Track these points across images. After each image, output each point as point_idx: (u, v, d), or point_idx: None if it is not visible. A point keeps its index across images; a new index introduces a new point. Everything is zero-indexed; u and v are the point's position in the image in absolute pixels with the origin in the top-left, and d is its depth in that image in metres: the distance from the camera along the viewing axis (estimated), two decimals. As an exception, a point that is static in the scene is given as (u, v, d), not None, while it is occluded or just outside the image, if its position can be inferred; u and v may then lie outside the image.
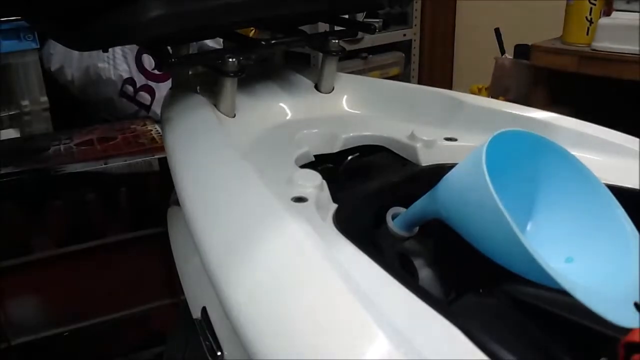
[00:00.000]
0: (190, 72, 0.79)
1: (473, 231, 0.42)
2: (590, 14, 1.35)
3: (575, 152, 0.44)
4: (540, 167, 0.44)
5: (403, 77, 2.08)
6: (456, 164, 0.44)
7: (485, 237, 0.41)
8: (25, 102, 1.38)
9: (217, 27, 0.73)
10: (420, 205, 0.49)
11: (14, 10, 0.79)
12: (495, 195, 0.36)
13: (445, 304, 0.48)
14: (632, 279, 0.38)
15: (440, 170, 0.54)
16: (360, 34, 1.71)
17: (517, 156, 0.43)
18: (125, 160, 1.10)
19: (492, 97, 1.45)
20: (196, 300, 0.59)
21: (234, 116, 0.69)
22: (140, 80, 1.57)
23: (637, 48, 1.25)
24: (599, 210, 0.42)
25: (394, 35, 2.01)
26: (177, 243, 0.73)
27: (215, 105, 0.68)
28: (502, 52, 1.68)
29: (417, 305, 0.35)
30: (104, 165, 1.09)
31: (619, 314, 0.34)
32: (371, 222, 0.52)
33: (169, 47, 0.72)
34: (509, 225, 0.35)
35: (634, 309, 0.36)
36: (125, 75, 1.55)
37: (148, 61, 1.56)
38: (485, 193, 0.37)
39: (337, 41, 0.76)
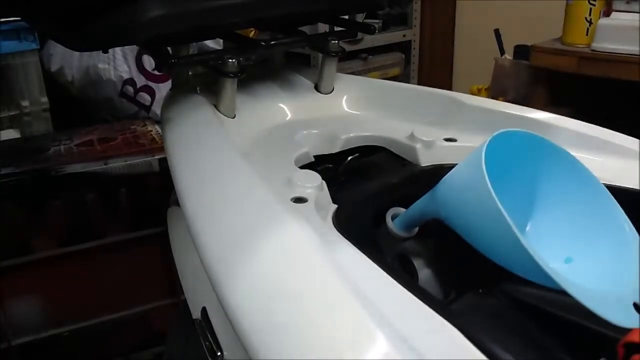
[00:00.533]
0: (190, 73, 0.79)
1: (473, 232, 0.42)
2: (589, 15, 1.35)
3: (575, 153, 0.44)
4: (540, 167, 0.44)
5: (403, 77, 2.08)
6: (456, 164, 0.44)
7: (484, 238, 0.41)
8: (25, 103, 1.38)
9: (217, 27, 0.73)
10: (419, 205, 0.49)
11: (14, 10, 0.79)
12: (494, 196, 0.37)
13: (445, 304, 0.48)
14: (632, 279, 0.38)
15: (439, 171, 0.54)
16: (360, 35, 1.71)
17: (516, 157, 0.43)
18: (125, 161, 1.11)
19: (492, 98, 1.44)
20: (196, 300, 0.59)
21: (234, 116, 0.69)
22: (140, 80, 1.57)
23: (637, 48, 1.25)
24: (598, 211, 0.42)
25: (394, 36, 2.01)
26: (177, 243, 0.73)
27: (215, 105, 0.68)
28: (502, 52, 1.68)
29: (417, 306, 0.35)
30: (103, 166, 1.09)
31: (619, 315, 0.34)
32: (371, 222, 0.52)
33: (169, 48, 0.72)
34: (509, 225, 0.35)
35: (633, 309, 0.36)
36: (126, 76, 1.55)
37: (148, 62, 1.56)
38: (484, 193, 0.37)
39: (336, 42, 0.76)
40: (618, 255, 0.40)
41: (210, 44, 1.50)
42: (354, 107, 0.77)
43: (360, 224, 0.49)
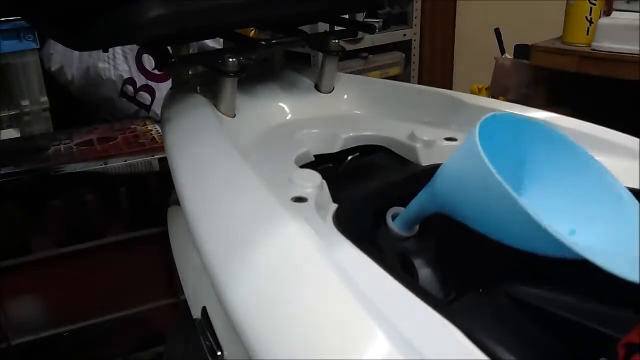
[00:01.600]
0: (190, 72, 0.79)
1: (475, 215, 0.42)
2: (590, 14, 1.35)
3: (575, 152, 0.44)
4: (530, 148, 0.44)
5: (403, 77, 2.07)
6: (456, 163, 0.44)
7: (489, 218, 0.40)
8: (25, 102, 1.38)
9: (217, 27, 0.73)
10: (419, 200, 0.49)
11: (14, 10, 0.79)
12: (492, 169, 0.36)
13: (445, 304, 0.48)
14: (633, 244, 0.38)
15: (440, 170, 0.54)
16: (360, 34, 1.71)
17: (506, 141, 0.43)
18: (125, 160, 1.10)
19: (492, 97, 1.45)
20: (196, 300, 0.59)
21: (234, 116, 0.69)
22: (140, 80, 1.57)
23: (637, 48, 1.25)
24: (592, 181, 0.42)
25: (394, 35, 2.01)
26: (177, 243, 0.73)
27: (215, 105, 0.68)
28: (502, 52, 1.68)
29: (417, 305, 0.35)
30: (103, 165, 1.09)
31: (630, 269, 0.34)
32: (371, 222, 0.52)
33: (169, 47, 0.72)
34: (511, 196, 0.35)
35: None
36: (126, 75, 1.55)
37: (148, 61, 1.56)
38: (482, 169, 0.37)
39: (337, 41, 0.76)
40: (619, 220, 0.40)
41: (210, 43, 1.50)
42: (354, 107, 0.77)
43: (360, 224, 0.49)
